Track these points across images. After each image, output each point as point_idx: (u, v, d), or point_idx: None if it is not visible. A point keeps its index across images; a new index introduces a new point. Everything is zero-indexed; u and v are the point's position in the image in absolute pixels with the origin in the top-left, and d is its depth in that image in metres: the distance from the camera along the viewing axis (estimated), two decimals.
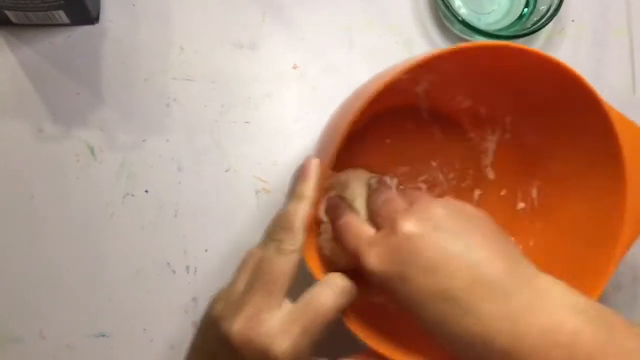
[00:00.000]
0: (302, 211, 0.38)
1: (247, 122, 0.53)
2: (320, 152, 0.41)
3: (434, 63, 0.38)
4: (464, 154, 0.52)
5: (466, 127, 0.52)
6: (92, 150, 0.51)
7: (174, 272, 0.50)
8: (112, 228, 0.50)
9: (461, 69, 0.44)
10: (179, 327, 0.50)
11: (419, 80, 0.49)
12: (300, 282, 0.37)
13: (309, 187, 0.39)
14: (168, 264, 0.50)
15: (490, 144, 0.52)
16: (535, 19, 0.53)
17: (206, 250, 0.51)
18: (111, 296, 0.49)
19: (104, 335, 0.49)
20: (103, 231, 0.50)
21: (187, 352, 0.40)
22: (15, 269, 0.49)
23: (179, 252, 0.50)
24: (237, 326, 0.35)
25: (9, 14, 0.49)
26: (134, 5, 0.53)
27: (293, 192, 0.39)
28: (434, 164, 0.52)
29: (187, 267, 0.50)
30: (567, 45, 0.56)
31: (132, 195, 0.51)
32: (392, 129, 0.51)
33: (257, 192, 0.52)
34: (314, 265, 0.39)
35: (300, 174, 0.39)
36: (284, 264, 0.36)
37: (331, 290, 0.36)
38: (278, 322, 0.35)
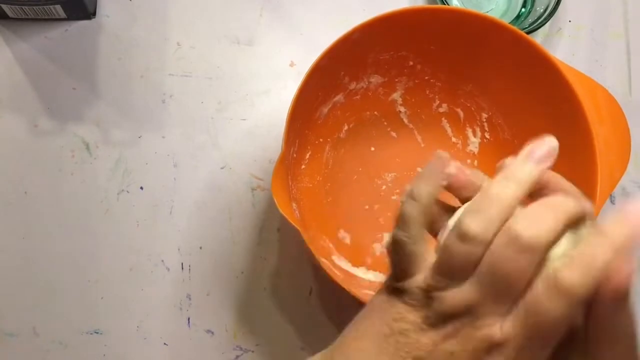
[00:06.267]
0: None
1: (244, 119, 0.52)
2: None
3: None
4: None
5: (448, 132, 0.53)
6: (87, 146, 0.51)
7: (168, 269, 0.50)
8: (106, 224, 0.50)
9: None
10: (173, 324, 0.49)
11: (394, 87, 0.52)
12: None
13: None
14: (162, 260, 0.50)
15: (473, 146, 0.53)
16: (532, 19, 0.53)
17: (201, 248, 0.50)
18: (105, 292, 0.49)
19: (97, 332, 0.49)
20: (97, 227, 0.50)
21: None
22: (8, 264, 0.49)
23: (173, 249, 0.50)
24: None
25: (5, 8, 0.49)
26: (131, 0, 0.53)
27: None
28: (420, 170, 0.53)
29: (182, 264, 0.50)
30: (564, 46, 0.56)
31: (127, 192, 0.51)
32: (377, 136, 0.53)
33: (252, 189, 0.51)
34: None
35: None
36: None
37: None
38: None
